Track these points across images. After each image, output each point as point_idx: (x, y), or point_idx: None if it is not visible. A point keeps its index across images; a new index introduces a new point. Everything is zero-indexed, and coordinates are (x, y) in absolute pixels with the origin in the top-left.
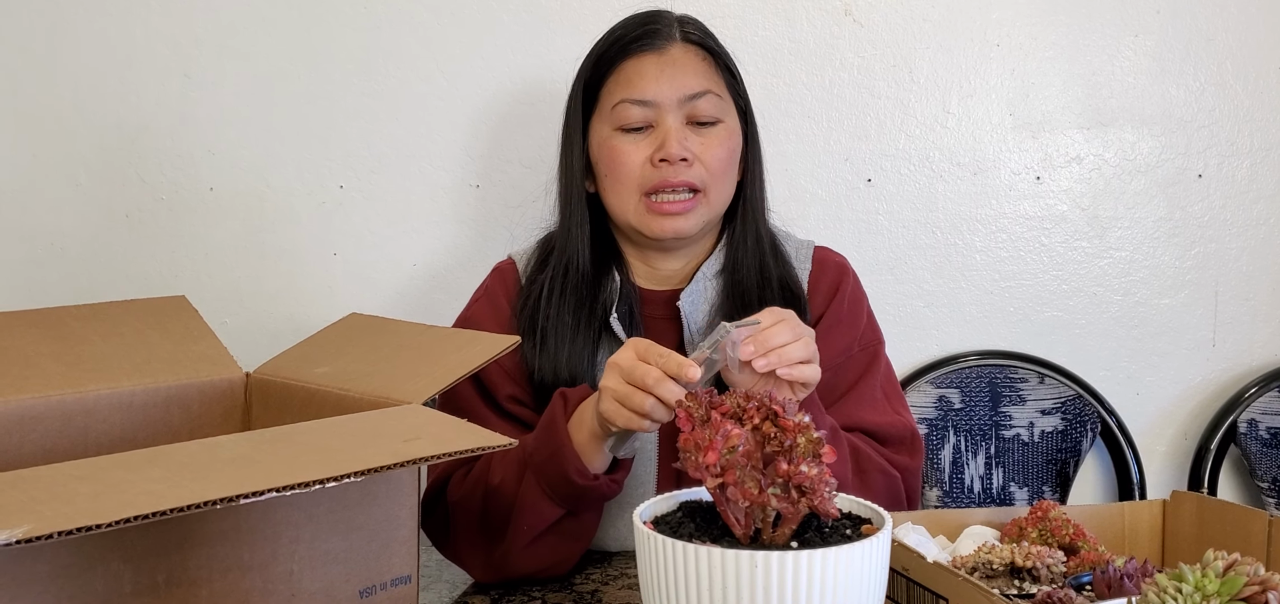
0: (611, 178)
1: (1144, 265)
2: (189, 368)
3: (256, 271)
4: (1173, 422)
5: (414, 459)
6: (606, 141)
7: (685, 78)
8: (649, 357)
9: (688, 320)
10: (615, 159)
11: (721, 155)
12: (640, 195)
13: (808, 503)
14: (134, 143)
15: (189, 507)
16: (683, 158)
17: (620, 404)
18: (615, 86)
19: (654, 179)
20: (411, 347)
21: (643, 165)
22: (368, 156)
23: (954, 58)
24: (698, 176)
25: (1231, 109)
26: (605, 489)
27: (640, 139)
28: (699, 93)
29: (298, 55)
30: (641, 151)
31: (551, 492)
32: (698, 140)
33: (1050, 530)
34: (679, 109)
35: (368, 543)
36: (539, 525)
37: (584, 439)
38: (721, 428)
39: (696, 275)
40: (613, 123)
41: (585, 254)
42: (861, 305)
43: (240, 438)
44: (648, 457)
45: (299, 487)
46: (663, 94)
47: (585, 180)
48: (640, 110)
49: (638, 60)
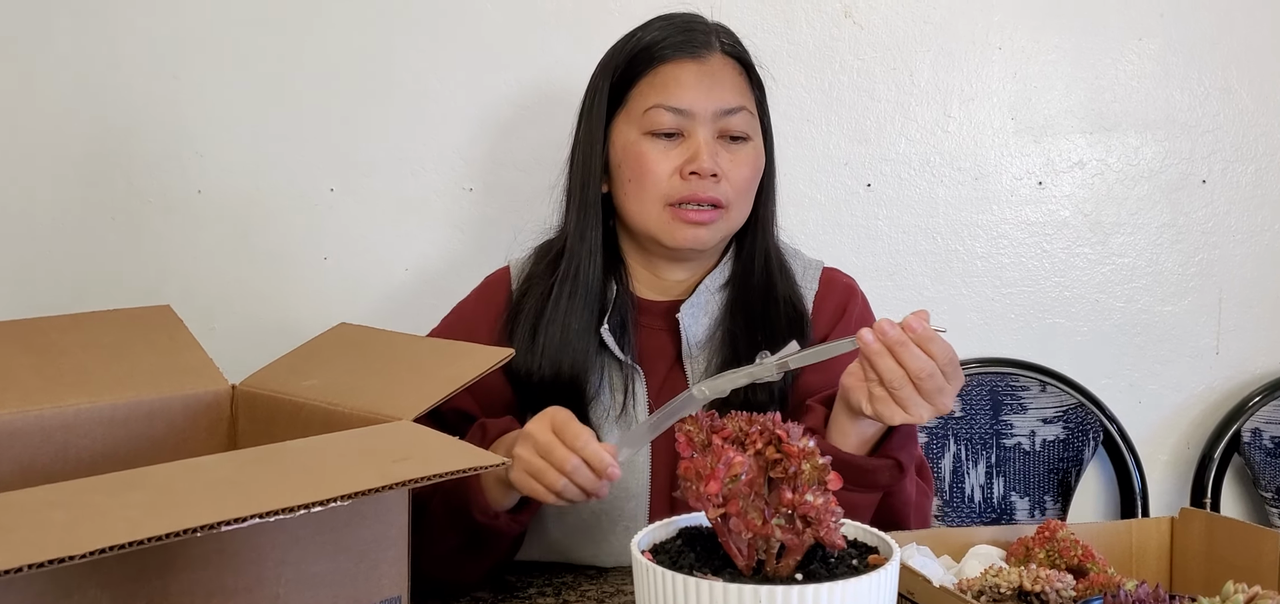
0: (636, 183)
1: (1147, 272)
2: (173, 380)
3: (246, 275)
4: (1175, 430)
5: (403, 481)
6: (634, 145)
7: (723, 91)
8: (565, 436)
9: (686, 333)
10: (643, 165)
11: (747, 174)
12: (664, 204)
13: (813, 534)
14: (121, 145)
15: (168, 535)
16: (713, 174)
17: (532, 477)
18: (649, 89)
19: (681, 191)
20: (402, 359)
21: (671, 175)
22: (359, 159)
23: (955, 61)
24: (724, 193)
25: (1236, 114)
26: (505, 528)
27: (670, 147)
28: (735, 108)
29: (288, 56)
30: (671, 161)
31: (452, 521)
32: (727, 156)
33: (1058, 551)
34: (712, 122)
35: (356, 564)
36: (442, 547)
37: (491, 479)
38: (723, 455)
39: (700, 288)
40: (643, 127)
41: (597, 259)
42: (867, 324)
43: (223, 459)
44: (639, 469)
45: (283, 512)
46: (699, 105)
47: (602, 181)
48: (674, 118)
49: (676, 66)
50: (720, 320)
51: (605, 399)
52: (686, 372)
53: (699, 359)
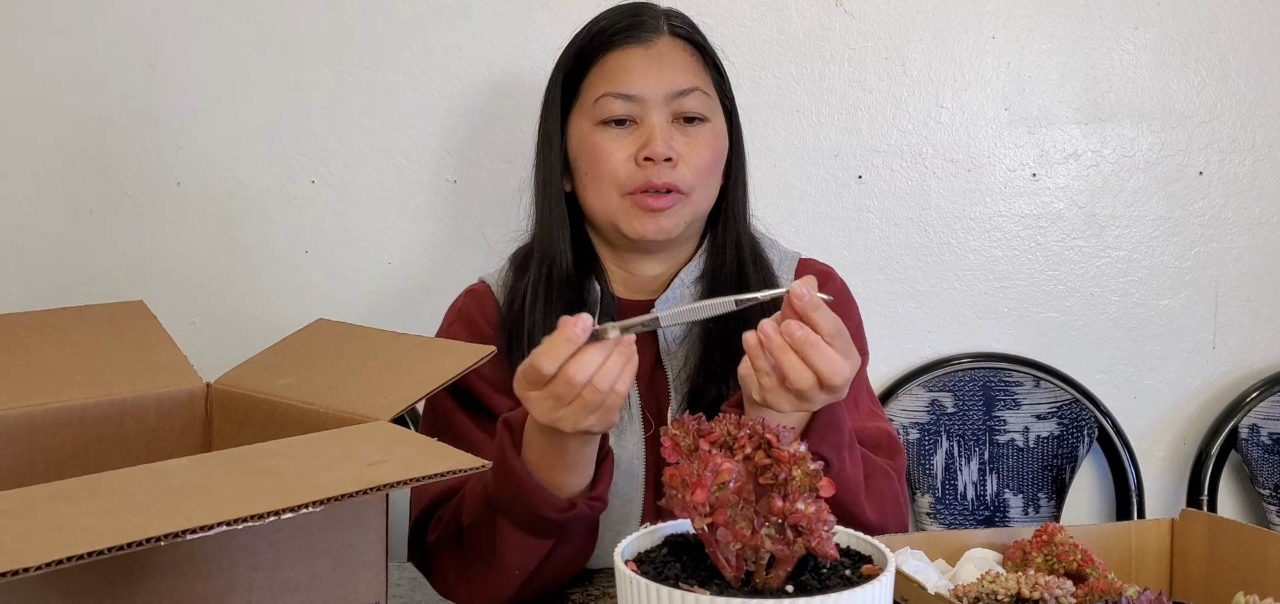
0: (592, 175)
1: (1142, 265)
2: (146, 379)
3: (225, 270)
4: (1172, 426)
5: (380, 485)
6: (587, 137)
7: (672, 73)
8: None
9: (662, 331)
10: (596, 155)
11: (707, 156)
12: (622, 194)
13: (804, 544)
14: (97, 136)
15: (129, 545)
16: (667, 157)
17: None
18: (598, 79)
19: (637, 179)
20: (381, 356)
21: (626, 163)
22: (341, 151)
23: (948, 50)
24: (682, 178)
25: (1234, 104)
26: (585, 511)
27: (623, 135)
28: (686, 89)
29: (268, 45)
30: (625, 148)
31: (529, 529)
32: (683, 139)
33: (1057, 555)
34: (665, 105)
35: (333, 569)
36: (529, 563)
37: (545, 458)
38: (710, 461)
39: (674, 283)
40: (594, 117)
41: (567, 256)
42: (848, 310)
43: (191, 463)
44: (634, 473)
45: (253, 519)
46: (649, 89)
47: (564, 179)
48: (624, 104)
49: (623, 52)
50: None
51: None
52: (666, 371)
53: (678, 355)
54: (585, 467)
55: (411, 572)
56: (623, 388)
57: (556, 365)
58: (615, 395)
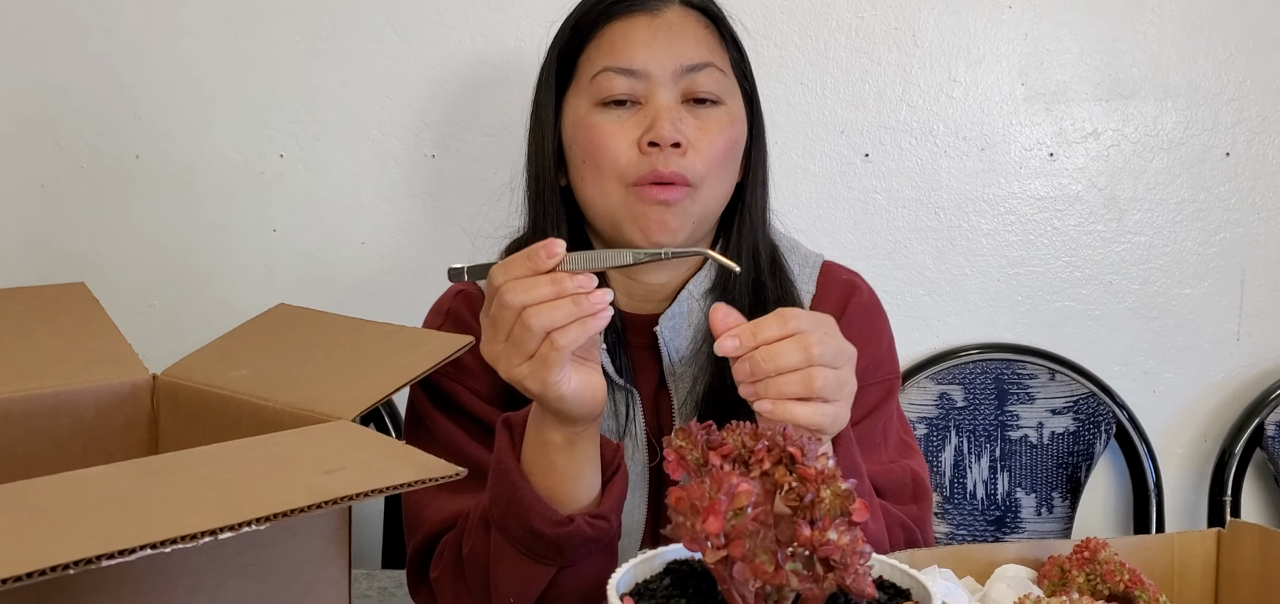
0: (590, 164)
1: (1164, 251)
2: (83, 370)
3: (188, 248)
4: (1193, 422)
5: (335, 498)
6: (584, 120)
7: (682, 45)
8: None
9: (667, 348)
10: (595, 140)
11: (721, 144)
12: (625, 186)
13: (836, 580)
14: (50, 105)
15: (29, 575)
16: (675, 143)
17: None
18: (596, 53)
19: (642, 167)
20: (347, 346)
21: (628, 149)
22: (311, 123)
23: (961, 21)
24: (691, 168)
25: (1263, 81)
26: (584, 531)
27: (625, 117)
28: (699, 64)
29: (234, 9)
30: (627, 132)
31: (526, 550)
32: (694, 123)
33: (1100, 575)
34: (674, 83)
35: (288, 587)
36: (531, 591)
37: (539, 461)
38: (725, 482)
39: (680, 295)
40: (592, 97)
41: None
42: (876, 328)
43: (120, 470)
44: (632, 506)
45: (185, 540)
46: (654, 63)
47: (559, 173)
48: (626, 81)
49: (625, 23)
50: (706, 332)
51: (608, 421)
52: (672, 392)
53: (685, 376)
54: (579, 475)
55: (381, 581)
56: (563, 342)
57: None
58: (551, 346)
